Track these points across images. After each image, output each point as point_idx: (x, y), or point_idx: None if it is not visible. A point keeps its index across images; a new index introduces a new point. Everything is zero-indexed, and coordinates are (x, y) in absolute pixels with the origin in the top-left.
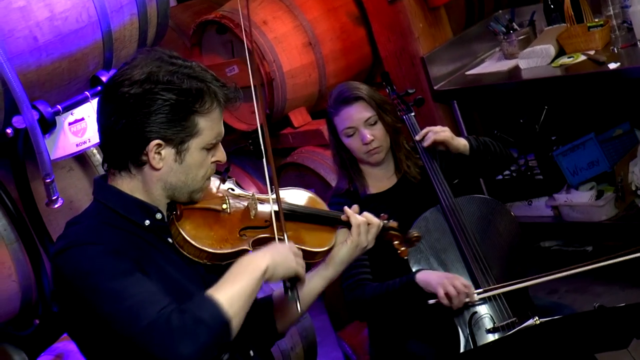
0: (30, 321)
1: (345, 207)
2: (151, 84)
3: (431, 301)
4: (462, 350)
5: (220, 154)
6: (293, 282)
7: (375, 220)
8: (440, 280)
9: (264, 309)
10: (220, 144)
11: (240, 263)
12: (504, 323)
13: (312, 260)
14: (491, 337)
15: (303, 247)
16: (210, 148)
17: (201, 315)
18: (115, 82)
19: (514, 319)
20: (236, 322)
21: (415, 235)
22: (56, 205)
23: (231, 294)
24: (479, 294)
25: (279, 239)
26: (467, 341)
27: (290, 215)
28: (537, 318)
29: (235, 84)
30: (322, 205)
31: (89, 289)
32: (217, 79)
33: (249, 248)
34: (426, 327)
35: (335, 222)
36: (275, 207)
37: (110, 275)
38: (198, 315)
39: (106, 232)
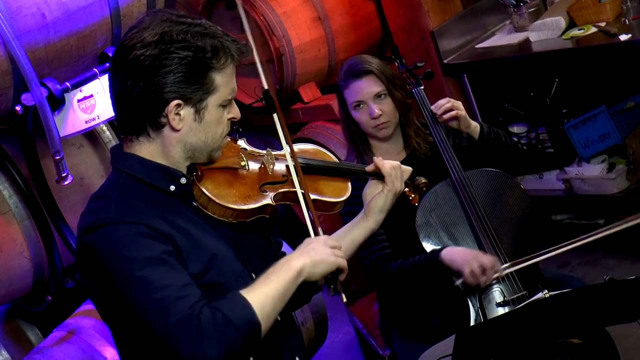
0: (42, 297)
1: (375, 157)
2: (166, 44)
3: (457, 282)
4: (472, 323)
5: (235, 111)
6: (335, 275)
7: (395, 162)
8: (466, 258)
9: None
10: (233, 100)
11: (275, 266)
12: (514, 296)
13: (331, 211)
14: (501, 311)
15: (323, 199)
16: (226, 105)
17: (232, 317)
18: (127, 46)
19: (524, 292)
20: (266, 325)
21: (423, 181)
22: (66, 182)
23: (264, 297)
24: (505, 268)
25: (301, 193)
26: (477, 314)
27: (306, 168)
28: (546, 291)
29: (246, 42)
30: (330, 157)
31: (120, 274)
32: (227, 34)
33: (272, 202)
34: (437, 300)
35: (356, 173)
36: (291, 162)
37: (142, 261)
38: (229, 317)
39: (136, 207)
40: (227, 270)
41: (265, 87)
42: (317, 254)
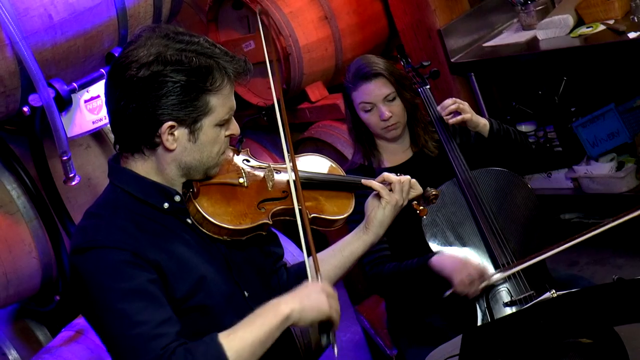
0: (51, 297)
1: (362, 179)
2: (159, 65)
3: (446, 293)
4: (479, 323)
5: (234, 127)
6: (326, 326)
7: (403, 177)
8: (456, 267)
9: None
10: (232, 117)
11: (264, 307)
12: (522, 296)
13: (331, 227)
14: (508, 311)
15: (322, 216)
16: (223, 123)
17: None
18: (122, 65)
19: (531, 292)
20: None
21: (434, 193)
22: (73, 183)
23: (242, 343)
24: (493, 274)
25: (299, 212)
26: (484, 314)
27: (308, 184)
28: (554, 291)
29: (245, 57)
30: (339, 170)
31: (101, 304)
32: (226, 53)
33: (268, 221)
34: (443, 300)
35: (354, 188)
36: (292, 177)
37: (123, 293)
38: None
39: (127, 231)
40: (216, 293)
41: (275, 101)
42: (310, 300)
